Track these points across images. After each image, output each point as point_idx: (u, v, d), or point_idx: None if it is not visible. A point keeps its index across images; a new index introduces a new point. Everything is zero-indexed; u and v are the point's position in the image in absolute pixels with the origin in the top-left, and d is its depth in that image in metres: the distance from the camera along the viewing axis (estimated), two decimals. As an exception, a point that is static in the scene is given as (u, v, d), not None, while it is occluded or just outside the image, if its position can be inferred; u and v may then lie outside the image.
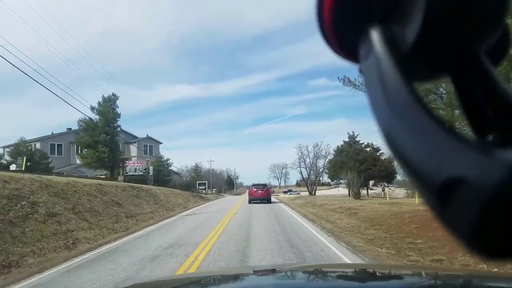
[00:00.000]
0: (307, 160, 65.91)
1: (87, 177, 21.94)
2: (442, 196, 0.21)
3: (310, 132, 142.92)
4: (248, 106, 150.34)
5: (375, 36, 0.27)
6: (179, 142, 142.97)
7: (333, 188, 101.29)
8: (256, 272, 1.94)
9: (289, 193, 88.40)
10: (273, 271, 1.92)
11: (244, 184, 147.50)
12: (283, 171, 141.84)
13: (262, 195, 24.64)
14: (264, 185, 27.11)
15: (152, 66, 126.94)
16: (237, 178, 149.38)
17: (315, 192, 66.19)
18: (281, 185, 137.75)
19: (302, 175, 65.76)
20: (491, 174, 0.19)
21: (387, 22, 0.27)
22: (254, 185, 27.07)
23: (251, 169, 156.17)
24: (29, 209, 9.33)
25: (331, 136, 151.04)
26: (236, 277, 1.79)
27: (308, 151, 64.75)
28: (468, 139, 0.21)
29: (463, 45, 0.26)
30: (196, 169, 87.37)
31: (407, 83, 0.24)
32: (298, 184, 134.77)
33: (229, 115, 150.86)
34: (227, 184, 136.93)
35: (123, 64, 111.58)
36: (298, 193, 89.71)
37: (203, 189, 70.42)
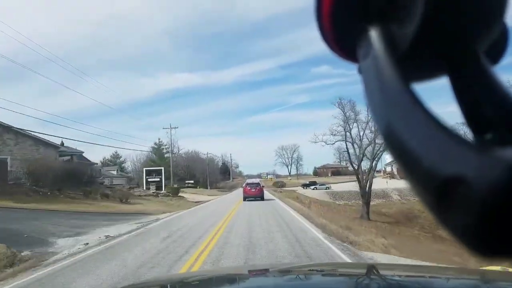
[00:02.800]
0: (355, 130, 31.33)
1: None
2: (441, 195, 0.21)
3: (314, 121, 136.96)
4: (250, 94, 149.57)
5: (374, 36, 0.27)
6: (178, 131, 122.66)
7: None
8: (251, 272, 2.00)
9: (312, 187, 56.68)
10: (267, 271, 1.94)
11: (245, 174, 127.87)
12: (294, 155, 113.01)
13: (255, 193, 26.05)
14: (258, 184, 28.20)
15: (152, 53, 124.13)
16: (237, 167, 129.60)
17: (370, 187, 32.71)
18: (291, 173, 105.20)
19: (348, 154, 31.26)
20: (490, 173, 0.19)
21: (385, 21, 0.27)
22: (248, 184, 28.09)
23: (253, 158, 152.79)
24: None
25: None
26: (231, 278, 1.80)
27: (355, 113, 30.43)
28: (467, 138, 0.21)
29: (462, 44, 0.26)
30: (158, 150, 54.31)
31: (405, 82, 0.24)
32: (316, 173, 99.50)
33: (231, 104, 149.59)
34: (221, 173, 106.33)
35: (123, 51, 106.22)
36: (327, 188, 57.68)
37: (157, 181, 37.78)
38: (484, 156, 0.19)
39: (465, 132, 0.24)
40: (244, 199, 25.50)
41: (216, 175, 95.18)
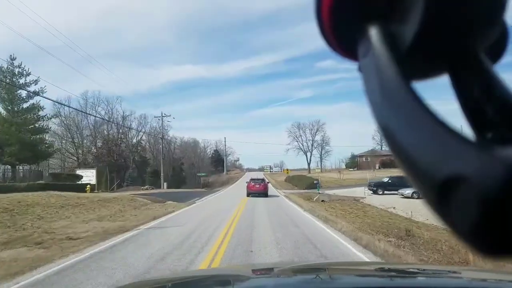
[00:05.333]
0: None
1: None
2: (442, 194, 0.21)
3: (317, 115, 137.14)
4: (253, 88, 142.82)
5: (374, 34, 0.27)
6: (182, 124, 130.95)
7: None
8: (255, 271, 1.92)
9: (407, 191, 18.48)
10: (272, 270, 1.90)
11: (245, 167, 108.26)
12: (317, 136, 76.63)
13: (259, 189, 23.75)
14: (262, 180, 26.01)
15: (156, 45, 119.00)
16: (237, 160, 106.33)
17: None
18: (311, 166, 73.16)
19: None
20: (491, 171, 0.19)
21: (385, 20, 0.27)
22: (252, 179, 25.55)
23: (255, 152, 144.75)
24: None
25: (338, 120, 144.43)
26: (235, 278, 1.73)
27: None
28: (468, 137, 0.21)
29: (462, 43, 0.26)
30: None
31: (405, 80, 0.24)
32: (355, 164, 61.98)
33: (232, 97, 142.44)
34: (213, 164, 73.87)
35: (128, 42, 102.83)
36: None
37: None
38: (484, 155, 0.19)
39: (466, 130, 0.24)
40: (248, 194, 23.30)
41: (205, 166, 67.66)
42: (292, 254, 6.34)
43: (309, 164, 71.08)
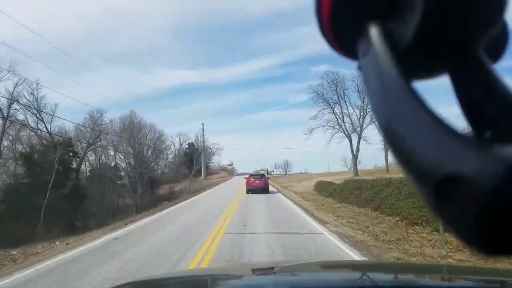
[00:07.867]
0: None
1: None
2: (440, 192, 0.20)
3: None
4: (248, 93, 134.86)
5: (374, 33, 0.27)
6: (176, 128, 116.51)
7: None
8: (254, 270, 1.91)
9: None
10: (272, 269, 1.91)
11: (239, 172, 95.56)
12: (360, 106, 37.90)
13: (259, 185, 22.66)
14: (262, 175, 24.97)
15: (148, 49, 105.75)
16: (231, 165, 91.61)
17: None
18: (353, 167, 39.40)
19: None
20: (490, 170, 0.19)
21: (386, 19, 0.27)
22: (251, 175, 24.76)
23: (250, 157, 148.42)
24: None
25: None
26: (234, 276, 1.75)
27: None
28: (467, 136, 0.21)
29: (462, 42, 0.26)
30: None
31: (405, 79, 0.24)
32: None
33: (227, 102, 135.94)
34: (186, 165, 51.56)
35: (120, 45, 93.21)
36: None
37: None
38: (483, 154, 0.19)
39: (465, 129, 0.24)
40: (247, 191, 22.18)
41: (175, 167, 45.83)
42: None
43: (355, 155, 34.67)
